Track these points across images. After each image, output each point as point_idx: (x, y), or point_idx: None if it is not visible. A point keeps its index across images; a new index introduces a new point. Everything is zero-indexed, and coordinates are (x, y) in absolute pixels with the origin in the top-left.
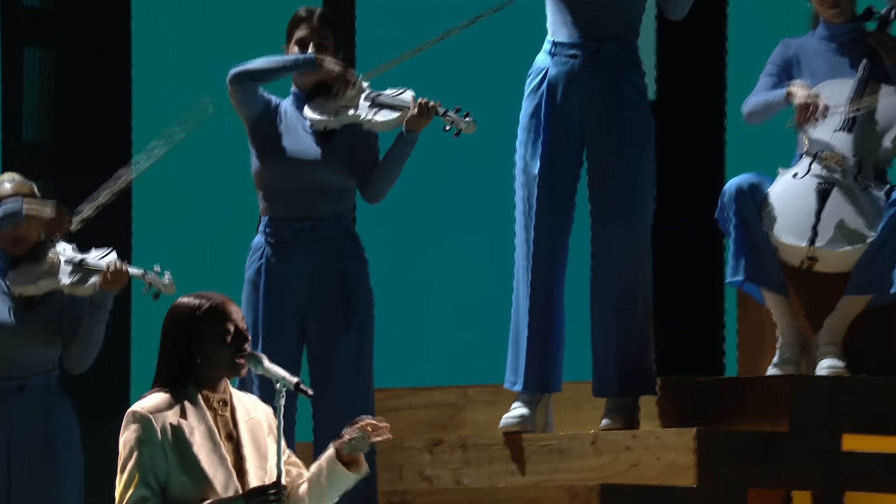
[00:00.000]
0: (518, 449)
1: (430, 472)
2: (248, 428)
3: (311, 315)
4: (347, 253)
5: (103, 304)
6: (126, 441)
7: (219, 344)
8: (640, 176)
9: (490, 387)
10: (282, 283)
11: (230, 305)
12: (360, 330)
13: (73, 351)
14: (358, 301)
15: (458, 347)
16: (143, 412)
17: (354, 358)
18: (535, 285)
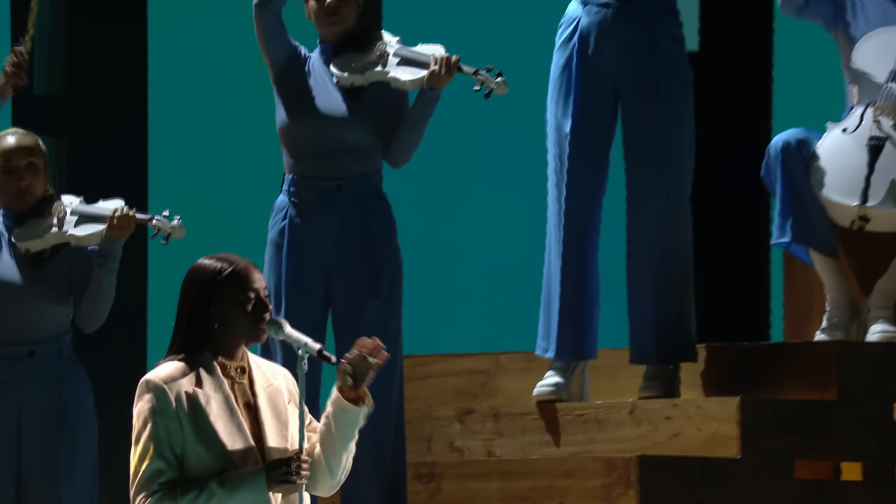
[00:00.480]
0: (552, 419)
1: (461, 443)
2: (267, 395)
3: (336, 279)
4: (374, 214)
5: (111, 252)
6: (140, 412)
7: (239, 311)
8: (678, 131)
9: (523, 353)
10: (306, 245)
11: (254, 271)
12: (388, 295)
13: (84, 306)
14: (385, 264)
15: (489, 312)
16: (157, 381)
17: (381, 324)
18: (567, 247)
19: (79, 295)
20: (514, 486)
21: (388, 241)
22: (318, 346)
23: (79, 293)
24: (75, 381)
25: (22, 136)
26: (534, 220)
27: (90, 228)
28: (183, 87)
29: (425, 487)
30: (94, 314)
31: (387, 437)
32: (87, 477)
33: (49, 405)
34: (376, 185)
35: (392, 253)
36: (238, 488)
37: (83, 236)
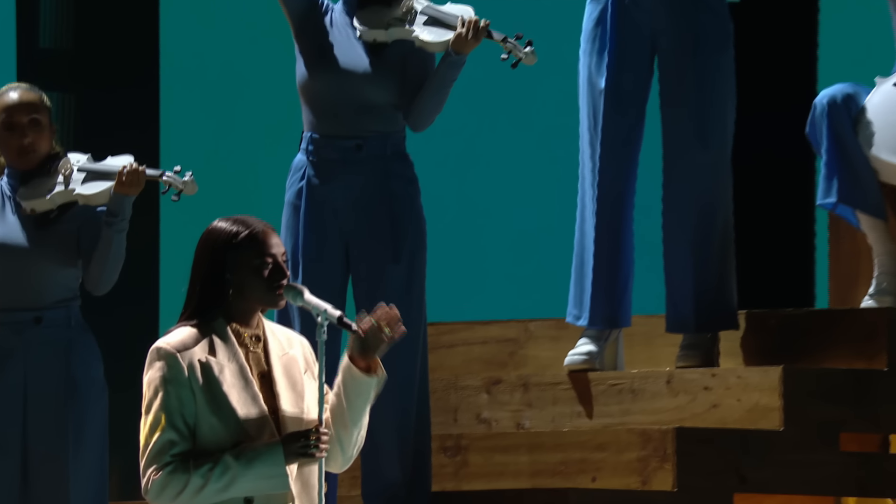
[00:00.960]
0: (585, 389)
1: (488, 415)
2: (283, 365)
3: (355, 242)
4: (396, 175)
5: (120, 210)
6: (150, 380)
7: (255, 276)
8: (719, 86)
9: (554, 321)
10: (324, 206)
11: (271, 235)
12: (411, 259)
13: (92, 268)
14: (408, 227)
15: (518, 277)
16: (169, 349)
17: (404, 290)
18: (601, 209)
19: (87, 257)
20: (544, 460)
21: (411, 203)
22: (339, 312)
23: (87, 255)
24: (84, 349)
25: (25, 91)
26: (565, 180)
27: (98, 186)
28: (197, 38)
29: (451, 461)
30: (103, 276)
31: (410, 407)
32: (96, 449)
33: (56, 374)
34: (398, 145)
35: (415, 215)
36: (254, 462)
37: (90, 194)
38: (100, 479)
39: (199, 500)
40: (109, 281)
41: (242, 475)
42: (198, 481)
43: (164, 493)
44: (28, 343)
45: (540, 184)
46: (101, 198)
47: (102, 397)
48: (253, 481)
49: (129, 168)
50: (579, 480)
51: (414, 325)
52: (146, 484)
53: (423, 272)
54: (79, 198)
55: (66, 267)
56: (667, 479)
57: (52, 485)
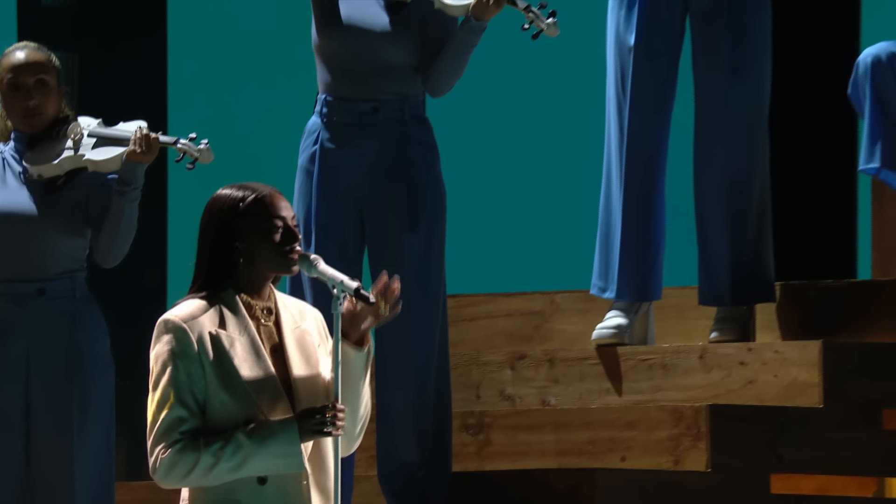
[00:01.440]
0: (613, 364)
1: (512, 391)
2: (296, 338)
3: (370, 210)
4: (414, 140)
5: (133, 178)
6: (158, 355)
7: (265, 242)
8: (754, 44)
9: (581, 293)
10: (338, 172)
11: (279, 199)
12: (429, 228)
13: (102, 239)
14: (426, 195)
15: (543, 247)
16: (177, 321)
17: (421, 260)
18: (630, 174)
19: (97, 227)
20: (570, 439)
21: (430, 169)
22: (356, 284)
23: (97, 225)
24: (89, 323)
25: (32, 51)
26: (592, 145)
27: (109, 152)
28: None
29: (473, 439)
30: (113, 248)
31: (427, 384)
32: (101, 426)
33: (61, 348)
34: (417, 109)
35: (433, 182)
36: (268, 440)
37: (101, 160)
38: (105, 458)
39: (210, 480)
40: (120, 253)
41: (255, 454)
42: (208, 460)
43: (173, 472)
44: (31, 316)
45: (566, 149)
46: (111, 164)
47: (108, 373)
48: (266, 460)
49: (142, 134)
50: (608, 460)
51: (432, 297)
52: (154, 463)
53: (441, 242)
54: (88, 164)
55: (73, 236)
56: (700, 458)
57: (56, 464)
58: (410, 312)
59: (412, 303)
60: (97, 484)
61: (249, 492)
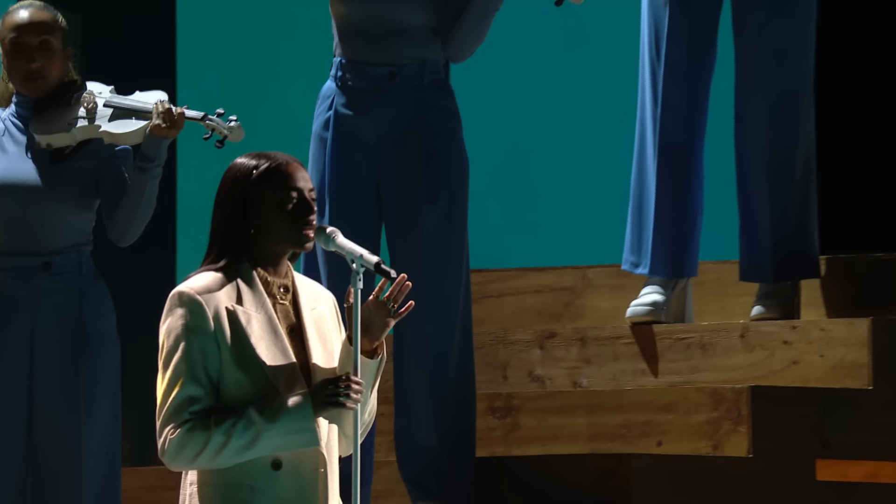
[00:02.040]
0: (649, 343)
1: (541, 372)
2: (314, 320)
3: (387, 181)
4: (434, 107)
5: (156, 154)
6: (169, 329)
7: (278, 213)
8: (798, 8)
9: (615, 267)
10: (353, 139)
11: (297, 168)
12: (450, 199)
13: (120, 216)
14: (447, 165)
15: (574, 219)
16: (192, 294)
17: (442, 233)
18: (664, 141)
19: (109, 202)
20: (603, 422)
21: (451, 137)
22: (376, 258)
23: (107, 199)
24: (96, 299)
25: (37, 10)
26: (625, 109)
27: (129, 125)
28: None
29: (500, 423)
30: (131, 226)
31: (449, 362)
32: (108, 408)
33: (66, 326)
34: (437, 73)
35: (455, 151)
36: (280, 414)
37: (121, 133)
38: (111, 440)
39: (221, 461)
40: (137, 232)
41: (268, 430)
42: (219, 439)
43: (183, 453)
44: (35, 291)
45: (598, 116)
46: (132, 138)
47: (115, 352)
48: (279, 437)
49: (165, 108)
50: (643, 445)
51: (453, 271)
52: (163, 444)
53: (464, 214)
54: (105, 135)
55: (81, 208)
56: (741, 443)
57: (61, 446)
58: (429, 288)
59: (431, 278)
60: (103, 468)
61: (263, 477)
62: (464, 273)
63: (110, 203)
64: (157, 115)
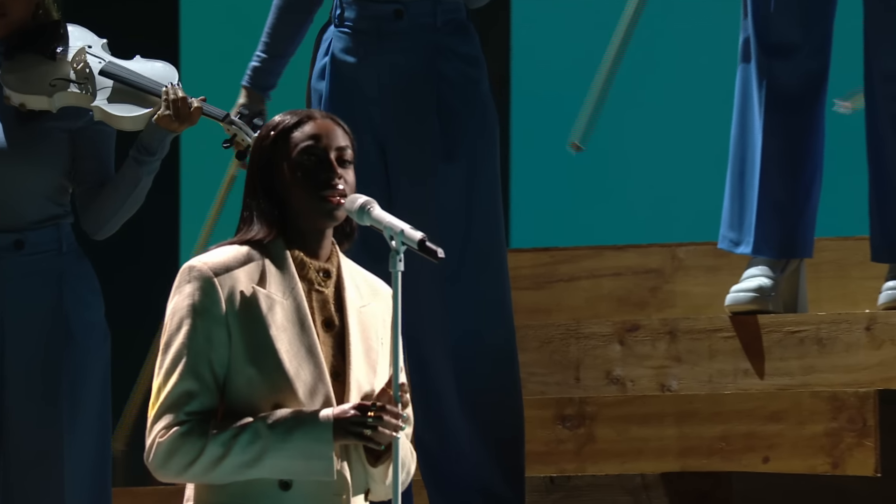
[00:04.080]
0: (753, 338)
1: (622, 372)
2: (360, 320)
3: (395, 140)
4: (449, 52)
5: (159, 148)
6: (176, 309)
7: (294, 177)
8: None
9: (710, 245)
10: (353, 91)
11: (323, 125)
12: (472, 156)
13: (100, 207)
14: (467, 118)
15: (662, 187)
16: (204, 269)
17: (462, 196)
18: (774, 96)
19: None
20: (697, 433)
21: (471, 87)
22: (420, 234)
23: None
24: (79, 283)
25: None
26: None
27: (131, 108)
28: None
29: (572, 434)
30: (113, 220)
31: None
32: (95, 413)
33: (44, 316)
34: (454, 12)
35: (476, 103)
36: (293, 433)
37: (120, 117)
38: (100, 454)
39: (216, 476)
40: (117, 226)
41: (276, 449)
42: (216, 450)
43: (171, 461)
44: (7, 274)
45: (688, 68)
46: (133, 124)
47: (103, 346)
48: (288, 459)
49: (178, 96)
50: (746, 461)
51: (481, 244)
52: (150, 446)
53: (492, 174)
54: (99, 112)
55: (57, 174)
56: (866, 460)
57: (39, 461)
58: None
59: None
60: (90, 487)
61: (268, 498)
62: (496, 247)
63: (87, 188)
64: (168, 104)
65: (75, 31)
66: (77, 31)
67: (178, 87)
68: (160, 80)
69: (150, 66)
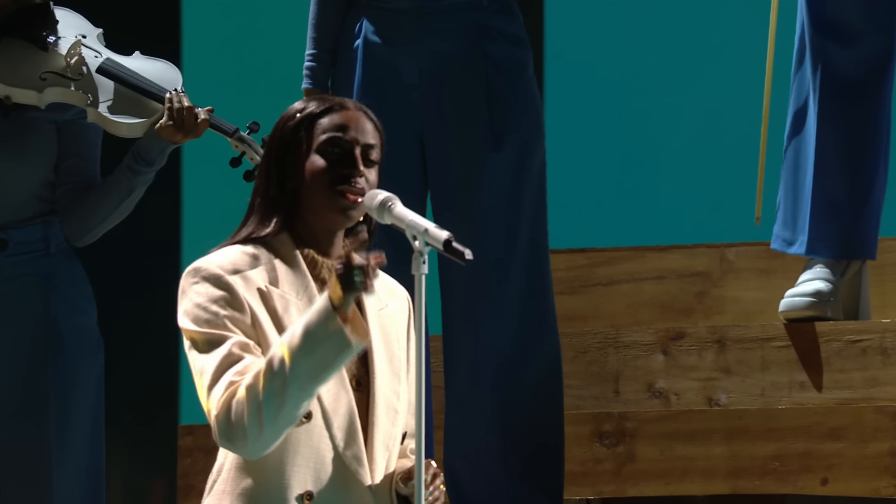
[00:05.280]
0: (811, 347)
1: (665, 385)
2: (380, 325)
3: (434, 133)
4: (496, 33)
5: (158, 158)
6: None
7: (310, 170)
8: None
9: (762, 246)
10: (389, 77)
11: (349, 116)
12: (519, 147)
13: (86, 212)
14: (514, 107)
15: (709, 183)
16: (214, 269)
17: (506, 189)
18: (830, 80)
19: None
20: (749, 452)
21: (519, 71)
22: (446, 234)
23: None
24: (69, 287)
25: None
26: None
27: (130, 115)
28: None
29: (610, 453)
30: (99, 228)
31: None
32: (87, 430)
33: (30, 322)
34: None
35: (525, 89)
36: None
37: (117, 122)
38: (91, 476)
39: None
40: (101, 233)
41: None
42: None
43: (236, 425)
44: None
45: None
46: (128, 130)
47: (96, 356)
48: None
49: (183, 105)
50: (802, 483)
51: (529, 244)
52: (215, 425)
53: (538, 168)
54: (93, 114)
55: (43, 167)
56: None
57: (25, 482)
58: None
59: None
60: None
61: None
62: (539, 246)
63: (70, 188)
64: (171, 113)
65: (67, 16)
66: (69, 17)
67: (184, 95)
68: (163, 83)
69: (151, 65)
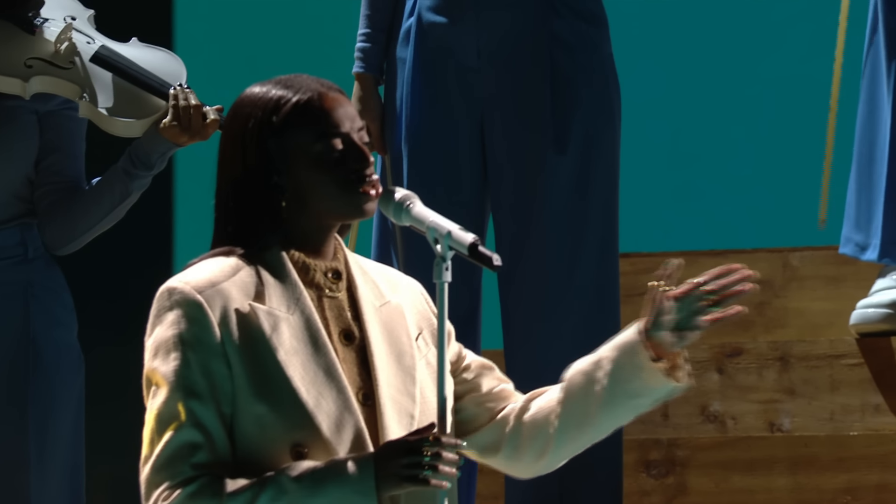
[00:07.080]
0: (887, 365)
1: (721, 408)
2: (381, 321)
3: (496, 121)
4: (565, 8)
5: (158, 161)
6: (157, 343)
7: (319, 171)
8: None
9: (831, 250)
10: (446, 57)
11: (337, 100)
12: (588, 146)
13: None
14: (582, 91)
15: (770, 182)
16: (187, 291)
17: (573, 195)
18: None
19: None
20: (816, 484)
21: (592, 52)
22: (471, 237)
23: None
24: (49, 296)
25: None
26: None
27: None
28: None
29: (659, 484)
30: (86, 234)
31: None
32: (67, 449)
33: (7, 334)
34: None
35: (597, 73)
36: (324, 485)
37: (112, 119)
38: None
39: None
40: (86, 241)
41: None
42: None
43: None
44: None
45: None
46: (124, 129)
47: (77, 372)
48: None
49: (192, 103)
50: None
51: (592, 254)
52: None
53: (612, 163)
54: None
55: (22, 163)
56: None
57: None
58: (555, 281)
59: (556, 264)
60: None
61: None
62: (607, 257)
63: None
64: (176, 112)
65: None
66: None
67: (190, 92)
68: (166, 77)
69: (151, 54)
